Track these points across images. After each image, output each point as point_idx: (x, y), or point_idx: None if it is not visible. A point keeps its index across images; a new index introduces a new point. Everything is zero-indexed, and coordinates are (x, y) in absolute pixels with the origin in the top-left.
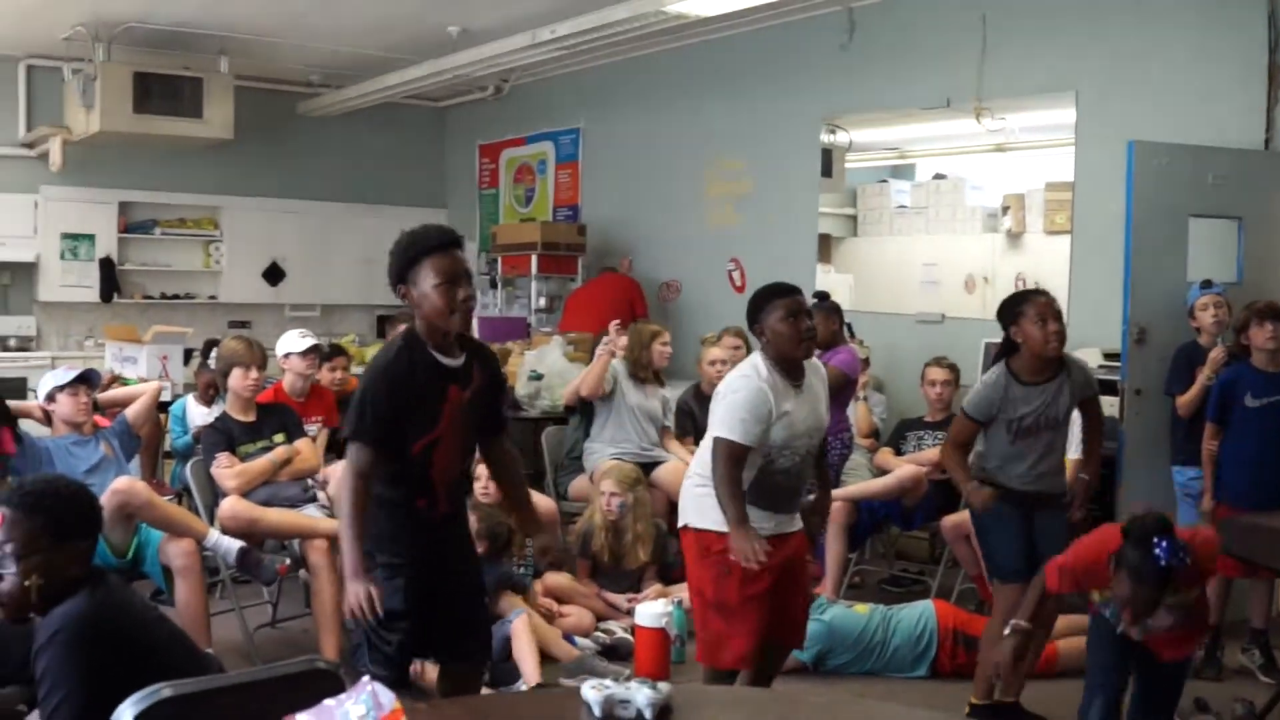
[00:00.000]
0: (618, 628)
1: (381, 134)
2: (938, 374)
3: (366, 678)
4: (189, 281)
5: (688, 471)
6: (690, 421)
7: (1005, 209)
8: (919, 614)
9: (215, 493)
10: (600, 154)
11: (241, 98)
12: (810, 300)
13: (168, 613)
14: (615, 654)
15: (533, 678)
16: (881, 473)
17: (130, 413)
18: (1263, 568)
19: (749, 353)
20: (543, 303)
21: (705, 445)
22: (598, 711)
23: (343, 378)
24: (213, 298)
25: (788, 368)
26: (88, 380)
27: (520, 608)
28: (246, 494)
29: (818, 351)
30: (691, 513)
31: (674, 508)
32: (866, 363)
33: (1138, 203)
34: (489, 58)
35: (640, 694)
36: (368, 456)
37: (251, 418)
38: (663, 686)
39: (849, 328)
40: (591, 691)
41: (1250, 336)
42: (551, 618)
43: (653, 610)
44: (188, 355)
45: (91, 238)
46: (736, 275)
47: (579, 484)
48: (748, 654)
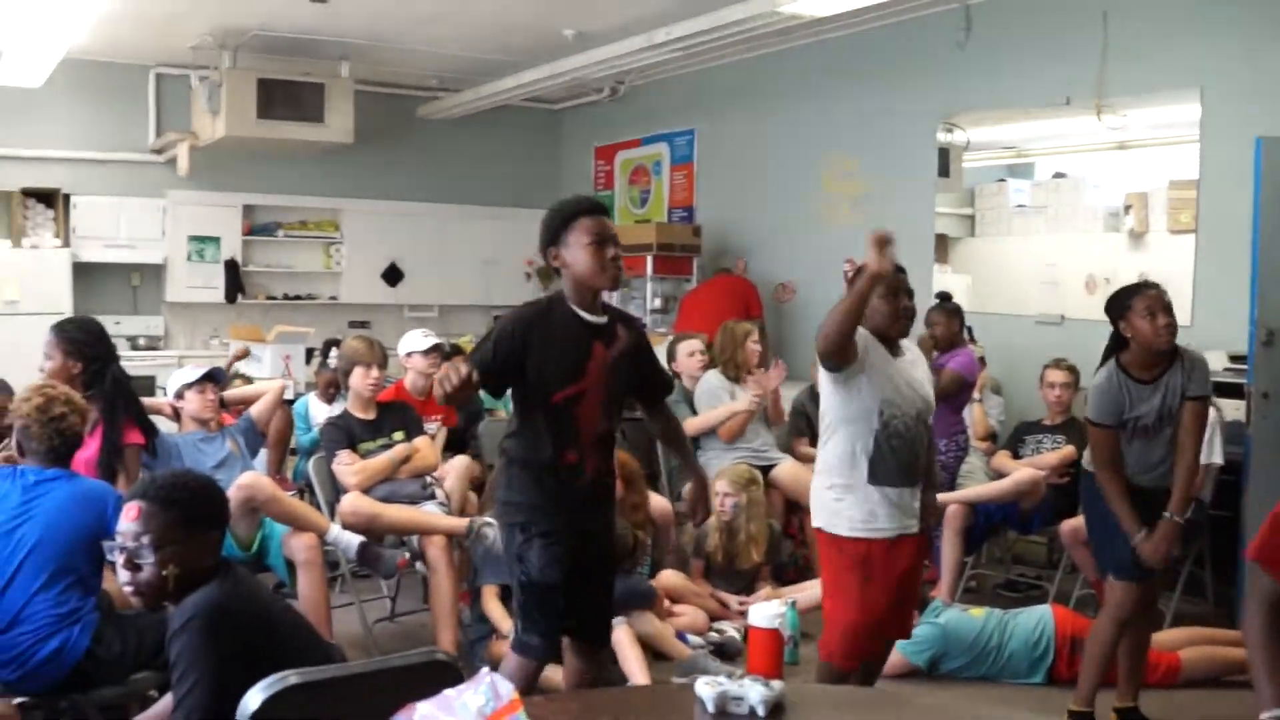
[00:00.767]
0: (730, 628)
1: (498, 136)
2: (1057, 376)
3: (485, 669)
4: (310, 282)
5: (815, 470)
6: (805, 421)
7: (1127, 208)
8: (1036, 619)
9: (336, 489)
10: (715, 155)
11: (362, 102)
12: (932, 300)
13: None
14: (724, 653)
15: (641, 682)
16: (998, 476)
17: (255, 410)
18: None
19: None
20: (658, 304)
21: (828, 446)
22: (711, 708)
23: None
24: (333, 298)
25: (885, 341)
26: (214, 378)
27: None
28: (367, 490)
29: (935, 353)
30: (822, 515)
31: (791, 508)
32: (982, 363)
33: (1266, 201)
34: (605, 60)
35: (754, 691)
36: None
37: (372, 416)
38: (776, 684)
39: (969, 331)
40: (705, 688)
41: None
42: (664, 616)
43: (767, 611)
44: (309, 354)
45: (217, 240)
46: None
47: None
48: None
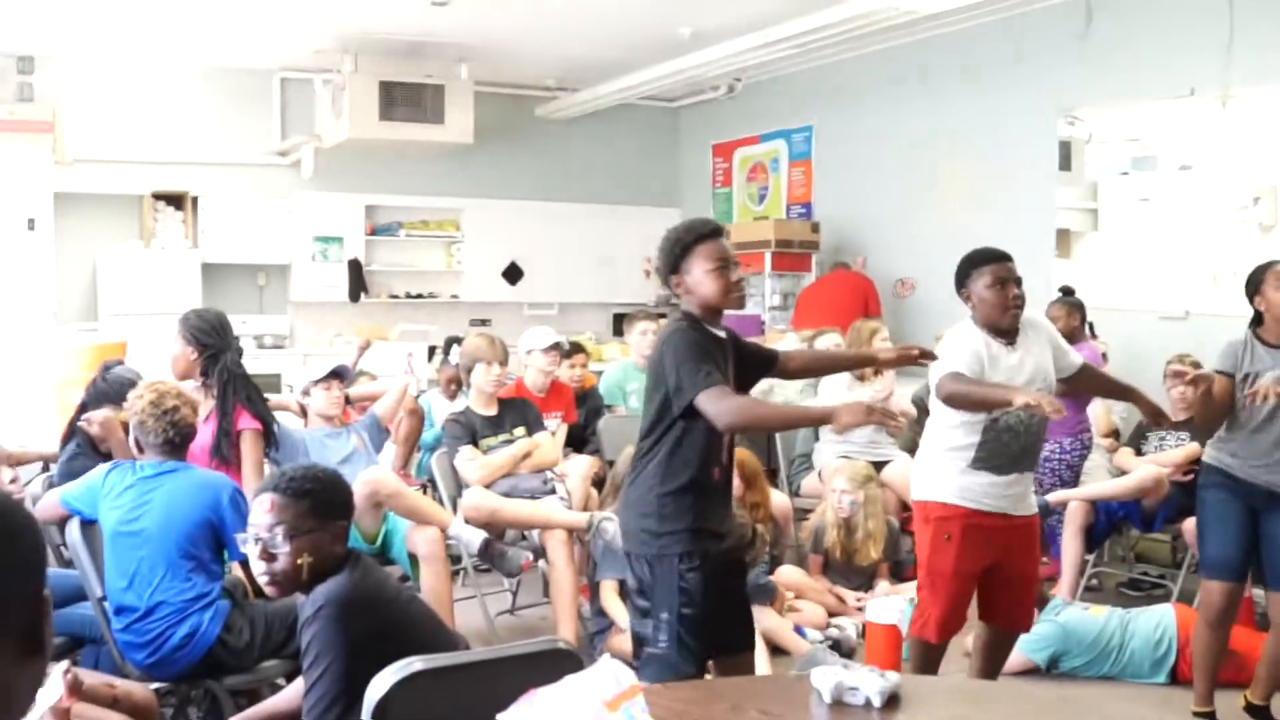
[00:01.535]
0: (848, 624)
1: (617, 135)
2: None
3: (606, 655)
4: (432, 281)
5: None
6: (924, 416)
7: (1255, 200)
8: (1158, 618)
9: (459, 484)
10: (833, 151)
11: (481, 102)
12: (1055, 294)
13: None
14: (842, 649)
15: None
16: (1121, 473)
17: (379, 407)
18: None
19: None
20: (776, 300)
21: (929, 423)
22: (827, 697)
23: (582, 375)
24: (455, 296)
25: (996, 332)
26: (339, 375)
27: None
28: (488, 485)
29: None
30: (916, 484)
31: (906, 506)
32: (1105, 359)
33: None
34: (721, 58)
35: (869, 681)
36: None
37: (493, 412)
38: (891, 675)
39: (1090, 326)
40: (821, 678)
41: None
42: (784, 611)
43: (885, 606)
44: (432, 352)
45: (340, 240)
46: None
47: (813, 481)
48: (941, 628)
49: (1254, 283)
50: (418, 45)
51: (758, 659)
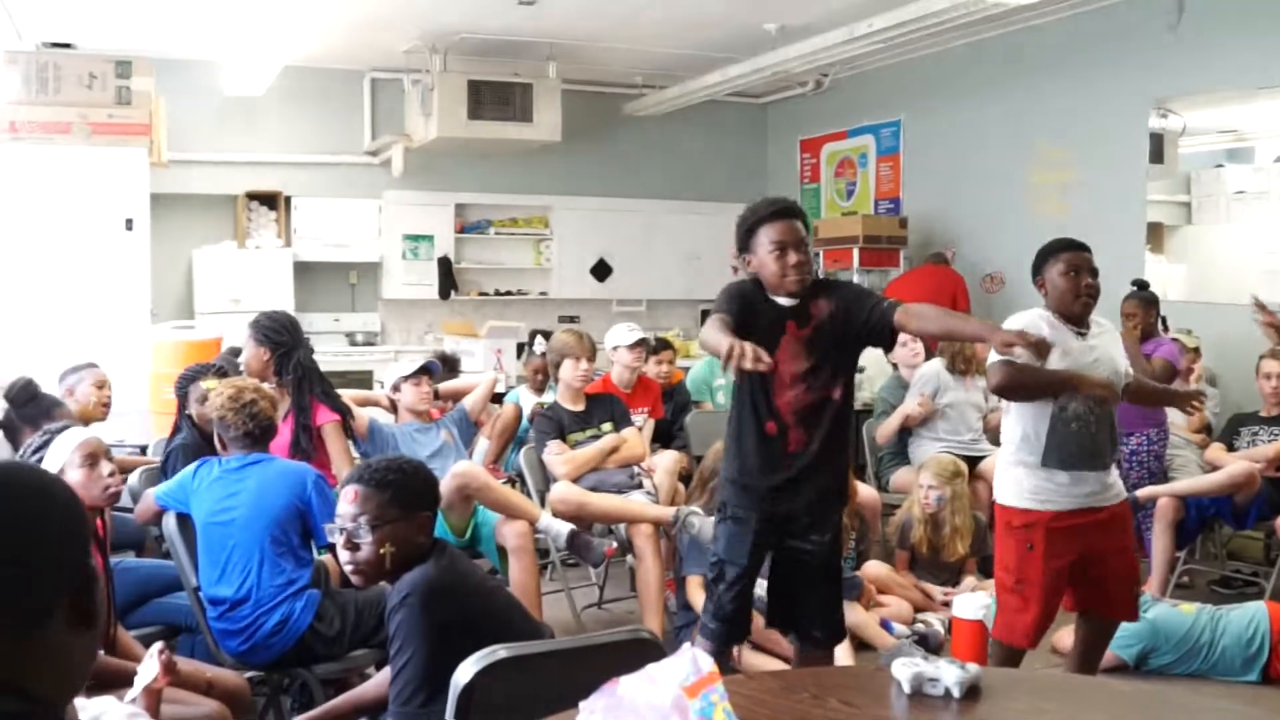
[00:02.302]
0: (934, 619)
1: (704, 131)
2: (1273, 366)
3: (687, 644)
4: (521, 278)
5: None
6: None
7: None
8: (1250, 616)
9: (547, 478)
10: (922, 145)
11: (569, 101)
12: (1129, 288)
13: None
14: (928, 644)
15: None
16: (1213, 469)
17: (468, 402)
18: None
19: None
20: None
21: (1007, 422)
22: (907, 688)
23: (669, 370)
24: (543, 294)
25: (1069, 320)
26: (429, 371)
27: None
28: (576, 480)
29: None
30: (998, 488)
31: None
32: (1197, 353)
33: None
34: (808, 53)
35: (949, 672)
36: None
37: (581, 407)
38: (971, 667)
39: (1163, 320)
40: (901, 668)
41: None
42: (871, 606)
43: (971, 602)
44: (520, 349)
45: (430, 238)
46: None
47: (902, 476)
48: (1035, 633)
49: None
50: (506, 44)
51: (838, 652)
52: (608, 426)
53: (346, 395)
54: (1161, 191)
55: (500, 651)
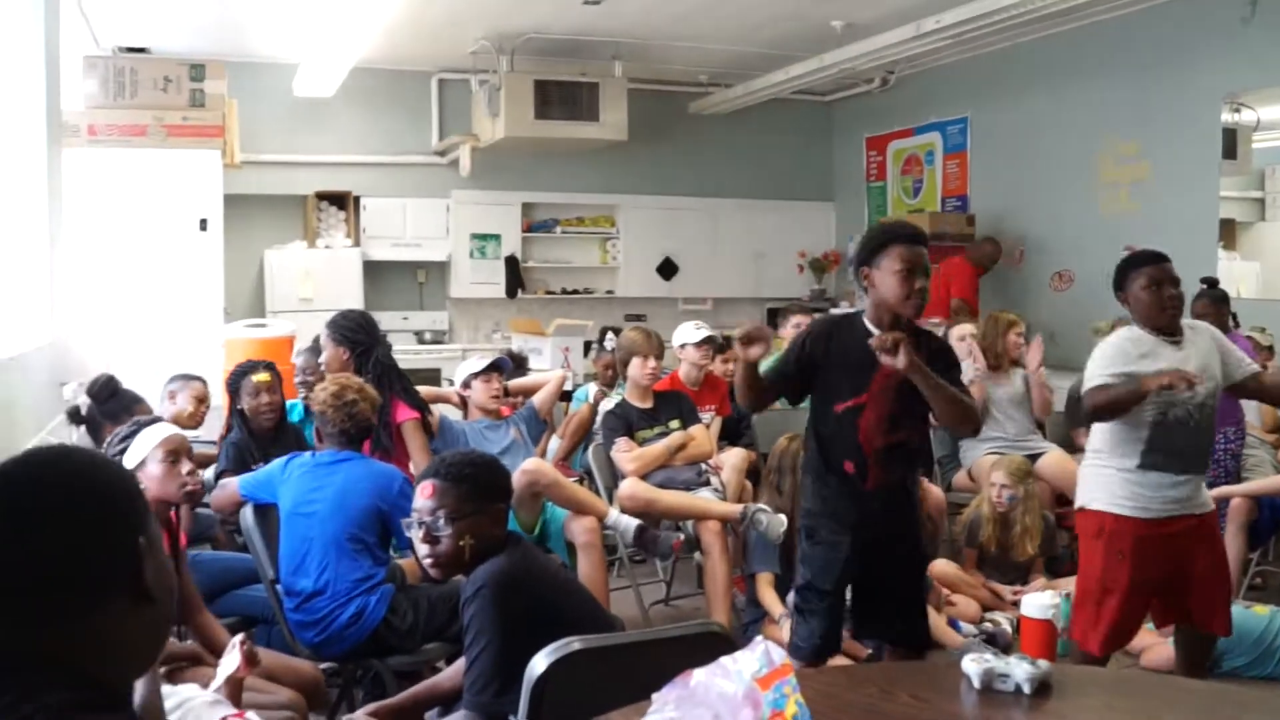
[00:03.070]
0: (1002, 619)
1: (769, 130)
2: None
3: (759, 636)
4: (587, 277)
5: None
6: (1079, 408)
7: None
8: None
9: (615, 475)
10: (989, 142)
11: (634, 100)
12: (1199, 286)
13: None
14: (996, 643)
15: None
16: None
17: (537, 399)
18: None
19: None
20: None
21: (1095, 427)
22: (977, 683)
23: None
24: (610, 292)
25: (1156, 331)
26: (499, 368)
27: None
28: (644, 476)
29: None
30: (1085, 493)
31: (1059, 500)
32: (1270, 352)
33: None
34: (874, 51)
35: (1019, 669)
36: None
37: (649, 404)
38: (1042, 663)
39: (1234, 317)
40: (971, 664)
41: None
42: (940, 606)
43: (1040, 601)
44: (587, 347)
45: (498, 237)
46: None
47: (959, 478)
48: (1111, 644)
49: None
50: (572, 44)
51: None
52: (675, 424)
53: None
54: (1234, 188)
55: (574, 643)
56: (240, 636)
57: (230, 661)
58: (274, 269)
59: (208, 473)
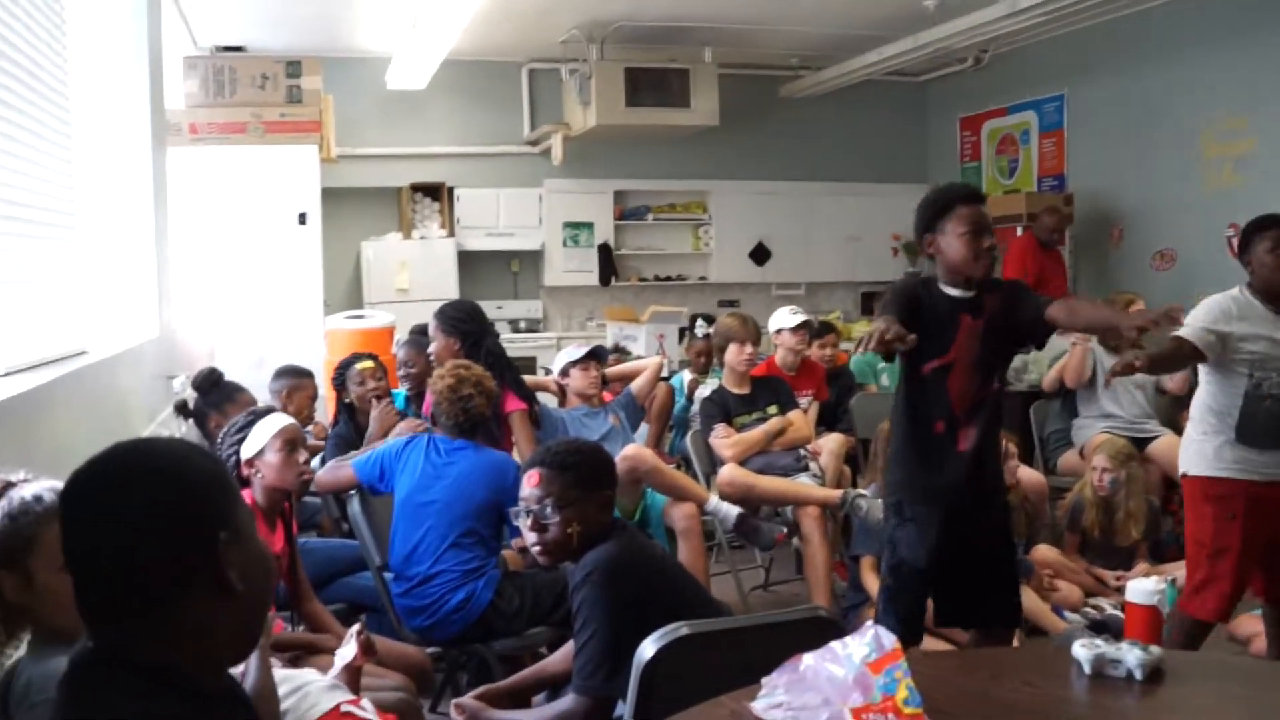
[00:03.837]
0: (1106, 604)
1: (862, 112)
2: None
3: (870, 620)
4: (680, 264)
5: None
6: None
7: None
8: None
9: (713, 461)
10: (1087, 120)
11: (725, 85)
12: None
13: None
14: (1104, 630)
15: None
16: None
17: (635, 386)
18: None
19: None
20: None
21: (1198, 394)
22: (1088, 669)
23: (833, 354)
24: (702, 279)
25: (1270, 298)
26: (597, 356)
27: None
28: (742, 462)
29: None
30: (1188, 460)
31: (1170, 484)
32: None
33: None
34: (968, 29)
35: (1132, 654)
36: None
37: (746, 390)
38: (1154, 649)
39: None
40: (1082, 649)
41: None
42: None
43: (1145, 587)
44: (682, 333)
45: (590, 226)
46: (1236, 241)
47: (1068, 458)
48: (1227, 606)
49: None
50: (662, 31)
51: None
52: (773, 409)
53: None
54: None
55: (682, 628)
56: (357, 627)
57: (347, 651)
58: (371, 261)
59: (314, 462)
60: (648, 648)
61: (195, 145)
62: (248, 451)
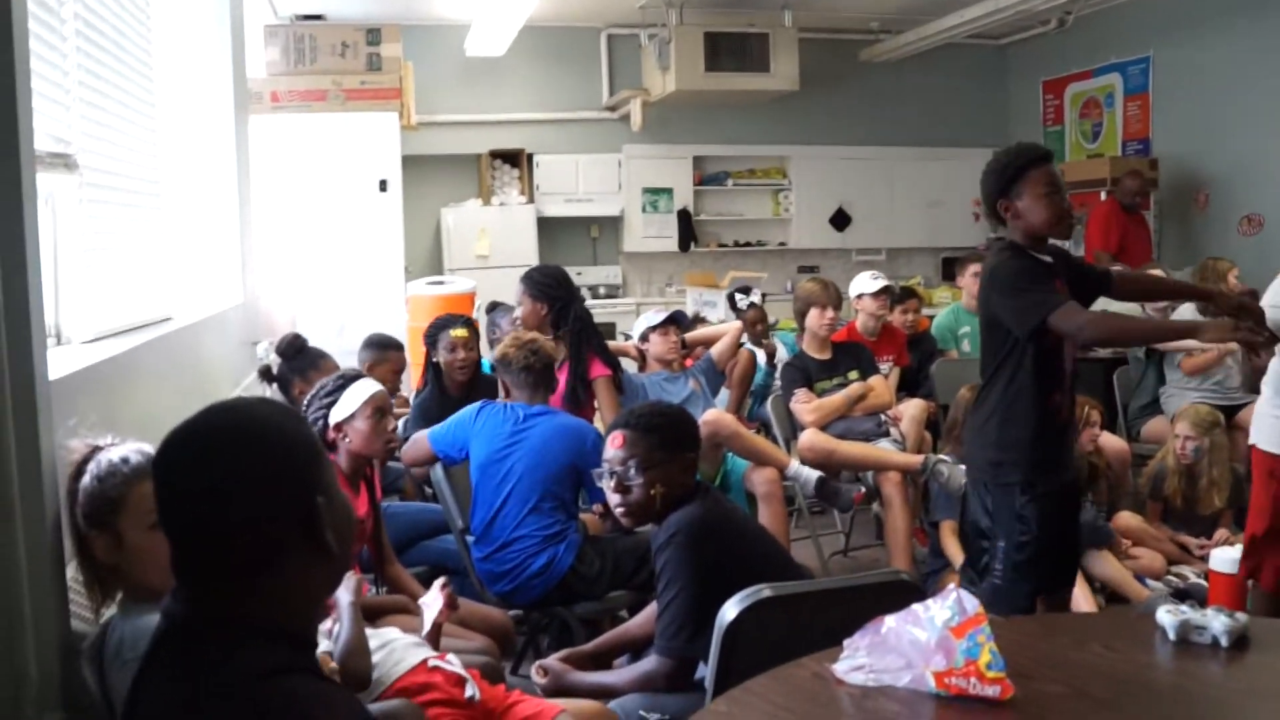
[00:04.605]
0: (1190, 573)
1: (942, 76)
2: None
3: (952, 585)
4: (760, 229)
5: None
6: None
7: None
8: None
9: (794, 426)
10: (1173, 82)
11: (805, 49)
12: None
13: None
14: (1186, 599)
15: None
16: None
17: (715, 351)
18: None
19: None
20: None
21: (1273, 366)
22: (1172, 635)
23: (914, 319)
24: (782, 244)
25: None
26: (676, 321)
27: None
28: (823, 427)
29: None
30: (1259, 433)
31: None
32: None
33: None
34: None
35: (1217, 621)
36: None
37: (827, 355)
38: (1240, 616)
39: None
40: (1167, 615)
41: None
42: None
43: (1229, 556)
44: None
45: (669, 191)
46: None
47: (1154, 425)
48: None
49: None
50: None
51: (1080, 597)
52: (854, 374)
53: None
54: None
55: (765, 590)
56: (442, 580)
57: (433, 604)
58: (451, 228)
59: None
60: (730, 610)
61: (276, 113)
62: (337, 416)
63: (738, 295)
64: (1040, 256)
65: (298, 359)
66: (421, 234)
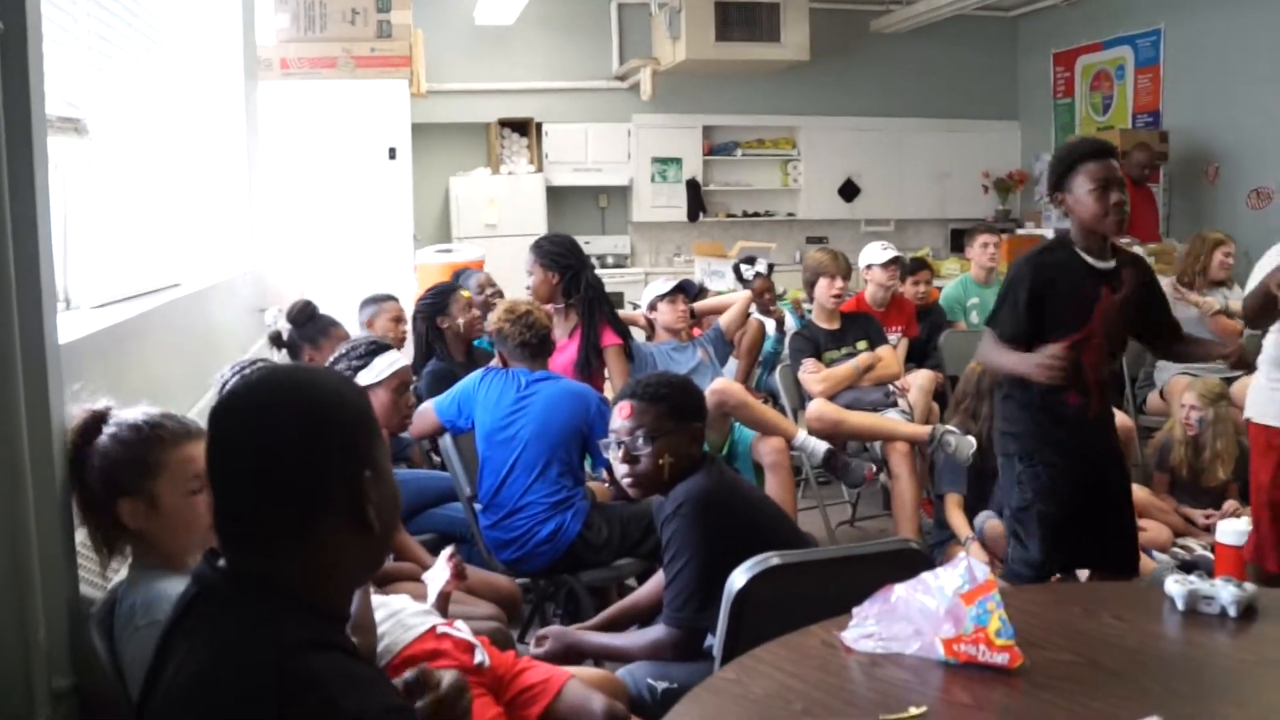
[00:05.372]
0: (1195, 544)
1: (953, 47)
2: None
3: (963, 553)
4: (768, 200)
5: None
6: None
7: None
8: None
9: (802, 396)
10: (1184, 55)
11: (816, 19)
12: None
13: None
14: (1193, 570)
15: None
16: None
17: (723, 320)
18: None
19: None
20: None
21: (1270, 342)
22: (1181, 605)
23: (925, 290)
24: (791, 215)
25: None
26: (684, 290)
27: None
28: (831, 397)
29: None
30: (1255, 406)
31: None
32: None
33: None
34: None
35: (1225, 591)
36: (993, 344)
37: (836, 326)
38: (1248, 586)
39: None
40: (1175, 585)
41: None
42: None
43: (1235, 527)
44: (770, 269)
45: (679, 161)
46: None
47: (1153, 398)
48: None
49: None
50: None
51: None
52: (863, 345)
53: None
54: None
55: (773, 559)
56: (449, 550)
57: (439, 573)
58: (459, 196)
59: None
60: (738, 578)
61: (286, 80)
62: (363, 381)
63: (743, 266)
64: (1088, 260)
65: (308, 326)
66: (430, 202)
